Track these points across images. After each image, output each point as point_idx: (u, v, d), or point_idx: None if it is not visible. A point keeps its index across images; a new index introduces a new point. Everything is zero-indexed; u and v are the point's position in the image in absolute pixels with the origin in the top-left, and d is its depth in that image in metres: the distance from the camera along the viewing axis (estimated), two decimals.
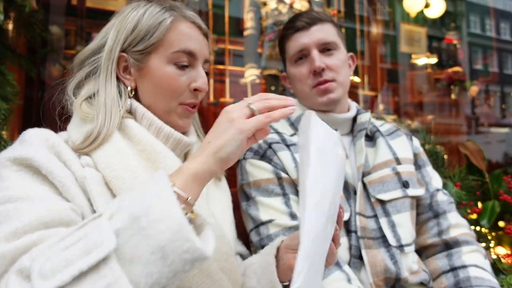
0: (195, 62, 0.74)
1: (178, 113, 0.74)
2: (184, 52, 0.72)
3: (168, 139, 0.72)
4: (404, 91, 3.82)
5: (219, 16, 2.80)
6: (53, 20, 1.75)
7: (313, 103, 0.98)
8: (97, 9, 1.97)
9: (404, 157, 1.01)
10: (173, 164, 0.67)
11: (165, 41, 0.71)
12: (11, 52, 1.23)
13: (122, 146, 0.66)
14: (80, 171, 0.62)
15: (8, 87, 1.12)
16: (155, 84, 0.72)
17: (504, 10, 5.55)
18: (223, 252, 0.66)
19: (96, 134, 0.65)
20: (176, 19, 0.73)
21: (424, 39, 3.75)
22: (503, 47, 5.99)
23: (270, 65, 2.59)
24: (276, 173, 0.90)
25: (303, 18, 0.97)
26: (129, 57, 0.73)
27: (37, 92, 1.58)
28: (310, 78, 0.96)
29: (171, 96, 0.73)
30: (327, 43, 0.96)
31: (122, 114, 0.70)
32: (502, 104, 5.70)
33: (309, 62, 0.95)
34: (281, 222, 0.85)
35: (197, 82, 0.74)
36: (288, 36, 0.99)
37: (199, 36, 0.76)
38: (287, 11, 2.58)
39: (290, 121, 1.03)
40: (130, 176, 0.62)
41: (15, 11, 1.21)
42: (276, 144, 0.93)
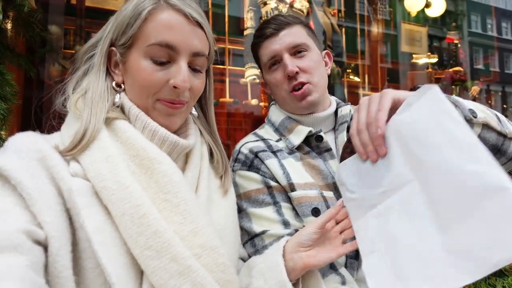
0: (176, 56, 0.66)
1: (157, 109, 0.68)
2: (160, 45, 0.65)
3: (163, 143, 0.68)
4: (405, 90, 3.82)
5: (219, 16, 2.80)
6: (52, 20, 1.75)
7: (294, 108, 0.98)
8: (96, 9, 1.97)
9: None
10: (168, 170, 0.63)
11: (141, 34, 0.66)
12: (10, 51, 1.23)
13: (112, 152, 0.62)
14: (68, 182, 0.59)
15: (7, 87, 1.12)
16: (132, 80, 0.68)
17: (505, 9, 5.54)
18: (219, 263, 0.63)
19: (82, 132, 0.62)
20: (156, 8, 0.66)
21: (425, 39, 3.75)
22: (504, 46, 5.98)
23: None
24: (265, 182, 0.89)
25: (270, 25, 0.96)
26: (117, 51, 0.69)
27: (36, 92, 1.58)
28: (285, 83, 0.95)
29: (146, 93, 0.67)
30: (297, 45, 0.95)
31: (107, 109, 0.66)
32: (503, 103, 5.69)
33: (282, 67, 0.95)
34: (275, 232, 0.84)
35: (176, 78, 0.65)
36: (259, 44, 0.99)
37: (185, 26, 0.67)
38: (287, 10, 2.57)
39: (275, 127, 1.02)
40: (119, 188, 0.59)
41: (14, 10, 1.21)
42: (262, 153, 0.92)
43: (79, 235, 0.58)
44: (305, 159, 0.92)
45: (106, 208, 0.60)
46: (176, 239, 0.59)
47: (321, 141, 0.94)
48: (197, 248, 0.61)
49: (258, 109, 2.73)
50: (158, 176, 0.63)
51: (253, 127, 2.76)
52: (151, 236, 0.57)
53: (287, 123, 0.98)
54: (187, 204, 0.62)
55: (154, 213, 0.59)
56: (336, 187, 0.89)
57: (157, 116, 0.68)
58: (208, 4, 2.71)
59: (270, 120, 1.05)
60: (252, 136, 1.00)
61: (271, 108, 1.07)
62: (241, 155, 0.94)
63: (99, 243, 0.56)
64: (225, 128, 2.70)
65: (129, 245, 0.58)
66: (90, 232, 0.56)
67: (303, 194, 0.86)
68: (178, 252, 0.58)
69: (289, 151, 0.94)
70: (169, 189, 0.62)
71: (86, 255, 0.57)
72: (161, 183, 0.63)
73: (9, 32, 1.24)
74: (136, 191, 0.59)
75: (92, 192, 0.59)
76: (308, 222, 0.84)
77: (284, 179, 0.88)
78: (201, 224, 0.63)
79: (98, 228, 0.57)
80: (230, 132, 2.78)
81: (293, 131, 0.96)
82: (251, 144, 0.95)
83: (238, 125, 2.83)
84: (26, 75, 1.40)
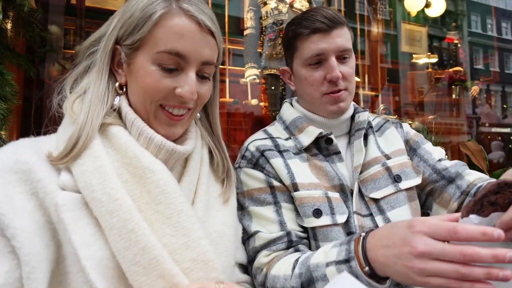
0: (185, 65, 0.64)
1: (159, 118, 0.65)
2: (169, 53, 0.62)
3: (160, 150, 0.65)
4: (405, 91, 3.82)
5: (219, 16, 2.79)
6: (52, 20, 1.75)
7: (320, 109, 0.96)
8: (96, 9, 1.97)
9: (393, 151, 0.99)
10: (160, 180, 0.61)
11: (151, 38, 0.62)
12: (10, 51, 1.23)
13: (102, 162, 0.59)
14: (54, 196, 0.57)
15: (7, 87, 1.12)
16: (137, 84, 0.65)
17: (505, 9, 5.54)
18: (212, 278, 0.60)
19: (75, 139, 0.60)
20: (168, 12, 0.62)
21: (425, 39, 3.75)
22: (504, 46, 5.97)
23: (270, 65, 2.59)
24: (268, 182, 0.89)
25: (322, 19, 0.90)
26: (122, 50, 0.66)
27: (36, 92, 1.57)
28: (324, 85, 0.92)
29: (150, 98, 0.64)
30: (345, 50, 0.91)
31: (104, 114, 0.63)
32: (503, 103, 5.69)
33: (325, 68, 0.91)
34: (266, 235, 0.84)
35: (183, 88, 0.63)
36: (305, 36, 0.91)
37: (197, 34, 0.64)
38: (287, 10, 2.57)
39: (285, 125, 1.01)
40: (108, 200, 0.57)
41: (14, 10, 1.21)
42: (268, 152, 0.91)
43: (66, 249, 0.57)
44: (312, 161, 0.92)
45: (97, 220, 0.58)
46: (165, 255, 0.57)
47: (331, 143, 0.93)
48: (188, 262, 0.59)
49: (258, 109, 2.73)
50: (150, 186, 0.61)
51: (253, 127, 2.75)
52: (139, 252, 0.56)
53: (298, 122, 0.97)
54: (179, 216, 0.60)
55: (142, 228, 0.57)
56: (342, 189, 0.89)
57: (157, 126, 0.66)
58: (208, 4, 2.71)
59: (281, 117, 1.04)
60: (262, 134, 1.00)
61: (284, 106, 1.06)
62: (248, 152, 0.94)
63: (86, 258, 0.55)
64: (225, 128, 2.70)
65: (117, 258, 0.56)
66: (77, 248, 0.55)
67: (306, 195, 0.85)
68: (166, 269, 0.56)
69: (296, 151, 0.93)
70: (161, 200, 0.60)
71: (75, 269, 0.56)
72: (153, 193, 0.61)
73: (9, 32, 1.24)
74: (125, 204, 0.57)
75: (82, 204, 0.58)
76: (309, 223, 0.84)
77: (288, 178, 0.87)
78: (194, 237, 0.60)
79: (85, 242, 0.56)
80: (230, 132, 2.78)
81: (303, 131, 0.95)
82: (259, 142, 0.95)
83: (238, 125, 2.83)
84: (26, 75, 1.40)
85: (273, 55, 2.58)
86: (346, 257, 0.67)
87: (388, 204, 0.91)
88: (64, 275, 0.57)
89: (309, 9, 1.00)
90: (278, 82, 2.61)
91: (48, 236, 0.56)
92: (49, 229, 0.57)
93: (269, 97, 2.62)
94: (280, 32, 2.57)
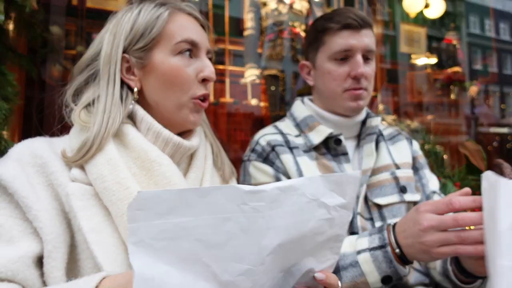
0: (198, 52, 0.73)
1: (190, 108, 0.72)
2: (187, 41, 0.70)
3: (167, 144, 0.69)
4: (404, 91, 3.83)
5: (219, 16, 2.80)
6: (54, 20, 1.75)
7: (339, 106, 0.97)
8: (98, 9, 1.97)
9: (403, 162, 1.01)
10: (166, 172, 0.64)
11: (165, 34, 0.70)
12: (11, 52, 1.23)
13: (113, 155, 0.63)
14: (65, 187, 0.61)
15: (9, 87, 1.12)
16: (162, 79, 0.70)
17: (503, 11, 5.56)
18: None
19: (90, 143, 0.63)
20: (173, 11, 0.72)
21: (424, 39, 3.76)
22: (502, 47, 5.99)
23: (270, 65, 2.60)
24: (277, 178, 0.90)
25: (354, 17, 0.92)
26: (130, 57, 0.70)
27: (38, 92, 1.58)
28: (347, 81, 0.94)
29: (181, 90, 0.70)
30: (371, 50, 0.94)
31: (122, 119, 0.67)
32: (501, 104, 5.70)
33: (350, 65, 0.93)
34: None
35: (204, 71, 0.72)
36: (334, 30, 0.93)
37: (198, 27, 0.75)
38: (287, 11, 2.58)
39: (296, 122, 1.02)
40: (119, 188, 0.60)
41: (15, 11, 1.21)
42: (279, 147, 0.93)
43: (77, 238, 0.60)
44: (320, 159, 0.93)
45: (106, 210, 0.61)
46: None
47: (340, 144, 0.94)
48: None
49: (258, 109, 2.74)
50: (157, 178, 0.64)
51: (253, 127, 2.76)
52: None
53: (309, 120, 0.98)
54: None
55: None
56: None
57: (187, 114, 0.72)
58: (208, 4, 2.72)
59: (292, 114, 1.05)
60: (272, 129, 1.01)
61: (296, 103, 1.08)
62: (259, 146, 0.95)
63: (94, 242, 0.58)
64: (225, 128, 2.70)
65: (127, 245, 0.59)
66: (85, 233, 0.58)
67: None
68: None
69: (305, 149, 0.95)
70: None
71: (84, 256, 0.59)
72: (160, 185, 0.64)
73: (11, 32, 1.24)
74: (136, 192, 0.59)
75: (90, 195, 0.61)
76: None
77: (296, 175, 0.89)
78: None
79: (94, 229, 0.59)
80: (230, 132, 2.78)
81: (314, 129, 0.96)
82: (269, 136, 0.96)
83: (238, 125, 2.84)
84: (27, 75, 1.41)
85: (273, 56, 2.59)
86: (381, 243, 0.75)
87: (390, 212, 0.92)
88: (75, 262, 0.60)
89: (336, 9, 1.02)
90: (278, 82, 2.61)
91: (65, 223, 0.60)
92: (64, 218, 0.61)
93: (269, 97, 2.63)
94: (279, 33, 2.58)
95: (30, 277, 0.55)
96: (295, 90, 2.66)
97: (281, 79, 2.61)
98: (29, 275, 0.55)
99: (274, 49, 2.57)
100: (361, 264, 0.74)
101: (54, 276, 0.56)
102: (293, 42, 2.60)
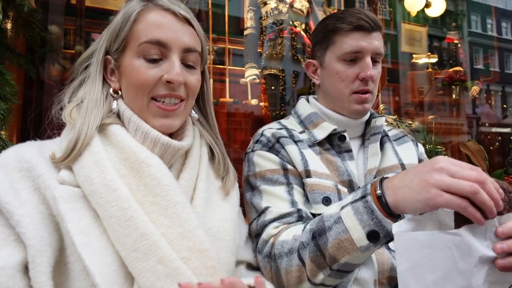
0: (167, 53, 0.68)
1: (151, 111, 0.68)
2: (151, 42, 0.66)
3: (155, 144, 0.67)
4: (405, 90, 3.82)
5: (219, 16, 2.80)
6: (52, 20, 1.75)
7: (345, 107, 0.97)
8: (96, 9, 1.97)
9: (409, 163, 1.01)
10: (156, 173, 0.63)
11: (132, 35, 0.67)
12: (10, 51, 1.23)
13: (101, 157, 0.62)
14: (53, 190, 0.60)
15: (7, 87, 1.12)
16: (127, 81, 0.69)
17: (505, 9, 5.54)
18: (209, 267, 0.61)
19: (74, 141, 0.63)
20: (145, 9, 0.68)
21: (425, 39, 3.75)
22: (504, 46, 5.97)
23: (270, 65, 2.59)
24: (282, 165, 0.90)
25: (367, 19, 0.92)
26: (111, 58, 0.71)
27: (36, 92, 1.58)
28: (355, 83, 0.94)
29: (142, 92, 0.67)
30: (379, 53, 0.95)
31: (102, 115, 0.66)
32: (503, 103, 5.69)
33: (359, 67, 0.93)
34: (277, 210, 0.84)
35: (169, 73, 0.67)
36: (345, 31, 0.93)
37: (175, 23, 0.69)
38: (287, 10, 2.57)
39: (300, 119, 1.02)
40: (106, 191, 0.59)
41: (14, 10, 1.21)
42: (284, 139, 0.93)
43: (66, 240, 0.59)
44: (324, 154, 0.93)
45: (94, 212, 0.61)
46: (163, 242, 0.59)
47: (344, 141, 0.94)
48: (185, 251, 0.60)
49: (258, 109, 2.73)
50: (146, 180, 0.63)
51: (253, 127, 2.75)
52: (138, 238, 0.58)
53: (314, 117, 0.99)
54: (175, 207, 0.62)
55: (141, 216, 0.59)
56: (351, 185, 0.90)
57: (152, 120, 0.68)
58: (208, 4, 2.71)
59: (296, 112, 1.05)
60: (276, 124, 1.02)
61: (300, 101, 1.08)
62: (263, 137, 0.95)
63: (82, 245, 0.57)
64: (225, 128, 2.70)
65: (116, 247, 0.58)
66: (73, 235, 0.57)
67: (318, 182, 0.87)
68: (165, 254, 0.58)
69: (310, 144, 0.95)
70: (158, 192, 0.62)
71: (73, 259, 0.58)
72: (150, 186, 0.63)
73: (9, 32, 1.24)
74: (123, 194, 0.60)
75: (79, 197, 0.61)
76: (317, 209, 0.85)
77: (301, 165, 0.89)
78: (190, 227, 0.62)
79: (82, 231, 0.58)
80: (230, 132, 2.78)
81: (318, 126, 0.97)
82: (274, 130, 0.96)
83: (238, 125, 2.83)
84: (26, 75, 1.41)
85: (273, 55, 2.58)
86: (362, 194, 0.67)
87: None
88: (64, 266, 0.59)
89: (347, 8, 1.02)
90: (278, 82, 2.61)
91: (52, 227, 0.59)
92: (52, 221, 0.60)
93: (269, 97, 2.62)
94: (280, 32, 2.57)
95: (14, 287, 0.54)
96: (295, 90, 2.65)
97: (281, 79, 2.60)
98: (12, 285, 0.54)
99: (274, 48, 2.56)
100: (344, 219, 0.67)
101: (39, 281, 0.54)
102: (293, 42, 2.59)
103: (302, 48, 2.64)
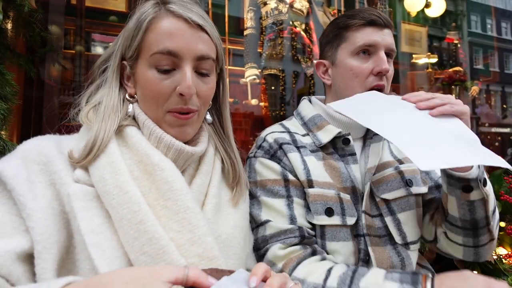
0: (180, 63, 0.66)
1: (167, 121, 0.68)
2: (162, 53, 0.65)
3: (169, 149, 0.67)
4: (405, 91, 3.82)
5: (219, 16, 2.80)
6: (52, 20, 1.75)
7: None
8: (96, 9, 1.97)
9: (405, 157, 1.01)
10: (169, 177, 0.63)
11: (144, 44, 0.66)
12: (10, 51, 1.23)
13: (115, 158, 0.63)
14: (68, 187, 0.60)
15: (7, 87, 1.12)
16: (141, 91, 0.69)
17: (505, 10, 5.54)
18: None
19: (91, 143, 0.63)
20: (156, 16, 0.66)
21: (425, 39, 3.75)
22: (504, 46, 5.98)
23: (270, 65, 2.59)
24: (284, 175, 0.89)
25: (378, 15, 0.92)
26: (127, 64, 0.70)
27: (36, 92, 1.58)
28: (369, 79, 0.92)
29: (156, 103, 0.67)
30: (392, 50, 0.94)
31: (119, 120, 0.67)
32: (503, 103, 5.69)
33: (374, 61, 0.91)
34: (277, 225, 0.84)
35: (181, 85, 0.65)
36: (357, 26, 0.92)
37: (187, 31, 0.66)
38: (287, 10, 2.58)
39: (303, 121, 1.02)
40: (119, 192, 0.60)
41: (14, 10, 1.21)
42: (287, 145, 0.92)
43: (76, 238, 0.59)
44: (327, 160, 0.92)
45: (107, 212, 0.61)
46: (172, 247, 0.59)
47: (348, 144, 0.93)
48: (194, 258, 0.60)
49: (258, 109, 2.73)
50: (159, 183, 0.63)
51: (253, 127, 2.75)
52: (146, 242, 0.58)
53: (318, 119, 0.97)
54: (186, 212, 0.62)
55: (151, 220, 0.59)
56: (354, 191, 0.90)
57: (167, 128, 0.68)
58: (208, 4, 2.71)
59: (299, 113, 1.04)
60: (279, 127, 1.00)
61: (303, 102, 1.06)
62: (266, 143, 0.94)
63: (92, 244, 0.57)
64: None
65: (126, 249, 0.58)
66: (84, 234, 0.57)
67: (320, 192, 0.86)
68: (173, 260, 0.58)
69: (313, 149, 0.93)
70: (169, 196, 0.62)
71: (83, 257, 0.58)
72: (162, 190, 0.63)
73: (10, 32, 1.24)
74: (135, 197, 0.60)
75: (92, 196, 0.61)
76: (319, 220, 0.84)
77: (303, 174, 0.88)
78: (200, 233, 0.62)
79: (93, 230, 0.58)
80: None
81: (322, 128, 0.95)
82: (277, 134, 0.95)
83: (238, 125, 2.83)
84: (26, 75, 1.40)
85: (273, 55, 2.58)
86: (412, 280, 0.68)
87: (398, 206, 0.92)
88: (73, 263, 0.59)
89: (357, 8, 1.02)
90: (278, 82, 2.61)
91: (61, 224, 0.59)
92: (62, 218, 0.60)
93: (269, 97, 2.62)
94: (280, 32, 2.57)
95: (15, 272, 0.54)
96: (295, 90, 2.65)
97: (281, 79, 2.60)
98: (13, 270, 0.54)
99: (274, 48, 2.56)
100: None
101: (44, 278, 0.55)
102: (293, 42, 2.60)
103: (302, 48, 2.65)
